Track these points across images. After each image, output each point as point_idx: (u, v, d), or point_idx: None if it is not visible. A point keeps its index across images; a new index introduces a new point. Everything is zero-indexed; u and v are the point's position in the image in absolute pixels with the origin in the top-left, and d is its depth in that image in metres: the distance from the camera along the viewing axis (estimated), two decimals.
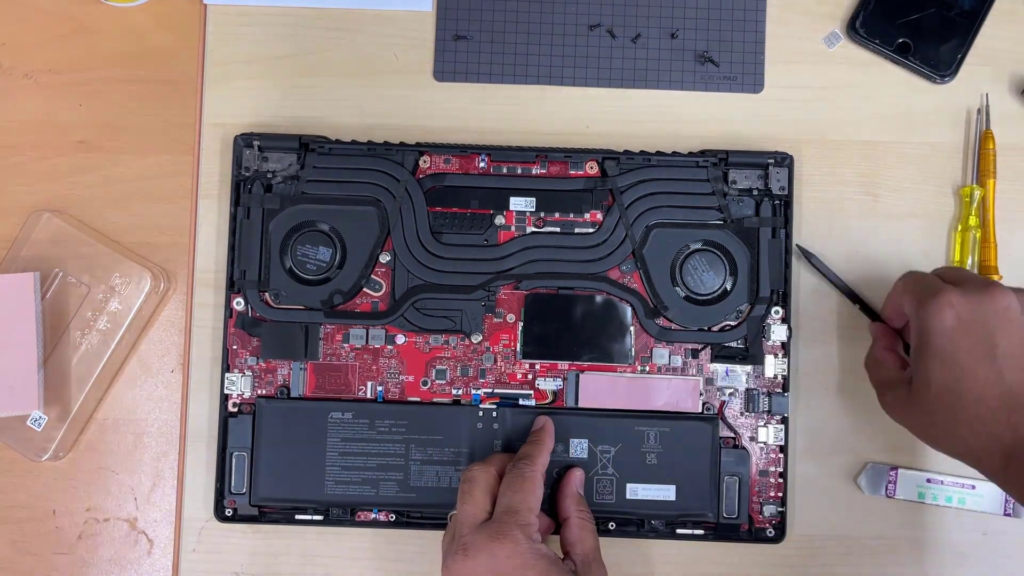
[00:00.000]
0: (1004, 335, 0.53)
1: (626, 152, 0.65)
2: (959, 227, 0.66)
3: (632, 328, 0.64)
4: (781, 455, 0.64)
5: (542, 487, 0.58)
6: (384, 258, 0.65)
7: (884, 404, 0.59)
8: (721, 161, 0.65)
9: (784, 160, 0.65)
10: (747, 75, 0.67)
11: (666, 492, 0.63)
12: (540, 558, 0.54)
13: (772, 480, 0.64)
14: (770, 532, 0.64)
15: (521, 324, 0.65)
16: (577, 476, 0.62)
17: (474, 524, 0.56)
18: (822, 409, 0.66)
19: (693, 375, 0.65)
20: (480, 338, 0.65)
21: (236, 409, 0.64)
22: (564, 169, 0.66)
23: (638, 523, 0.64)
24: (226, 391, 0.64)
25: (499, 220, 0.65)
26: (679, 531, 0.64)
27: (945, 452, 0.55)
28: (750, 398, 0.64)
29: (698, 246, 0.65)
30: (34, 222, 0.65)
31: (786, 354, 0.64)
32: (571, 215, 0.65)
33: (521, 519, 0.55)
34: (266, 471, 0.63)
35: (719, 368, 0.65)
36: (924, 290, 0.55)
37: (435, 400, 0.65)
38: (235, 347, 0.65)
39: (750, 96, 0.68)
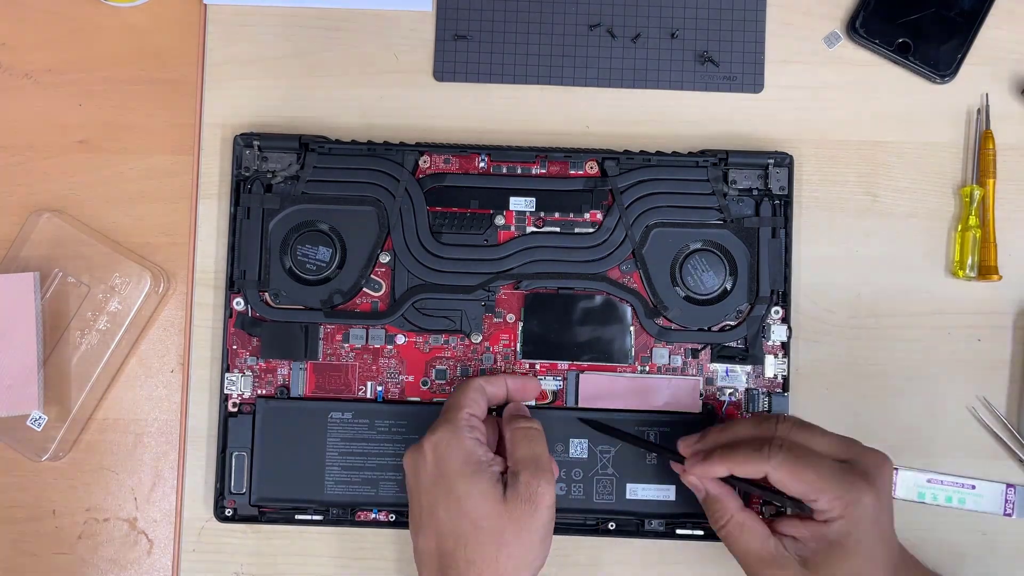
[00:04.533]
0: (890, 514, 0.55)
1: (626, 152, 0.65)
2: (959, 227, 0.66)
3: (632, 328, 0.64)
4: None
5: (483, 396, 0.59)
6: (384, 258, 0.65)
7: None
8: (721, 161, 0.65)
9: (784, 160, 0.65)
10: (747, 75, 0.67)
11: (666, 492, 0.63)
12: (466, 447, 0.56)
13: None
14: None
15: (521, 324, 0.65)
16: (516, 405, 0.62)
17: None
18: (822, 409, 0.66)
19: (693, 375, 0.65)
20: (480, 338, 0.65)
21: (236, 409, 0.64)
22: (564, 169, 0.66)
23: (638, 523, 0.64)
24: (226, 391, 0.64)
25: (499, 220, 0.65)
26: (679, 531, 0.64)
27: None
28: (750, 398, 0.64)
29: (698, 246, 0.65)
30: (34, 222, 0.65)
31: (786, 354, 0.64)
32: (571, 215, 0.65)
33: (457, 414, 0.57)
34: (266, 471, 0.63)
35: (719, 368, 0.65)
36: (843, 481, 0.53)
37: (435, 400, 0.65)
38: (235, 347, 0.65)
39: (750, 96, 0.68)
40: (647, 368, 0.65)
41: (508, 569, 0.54)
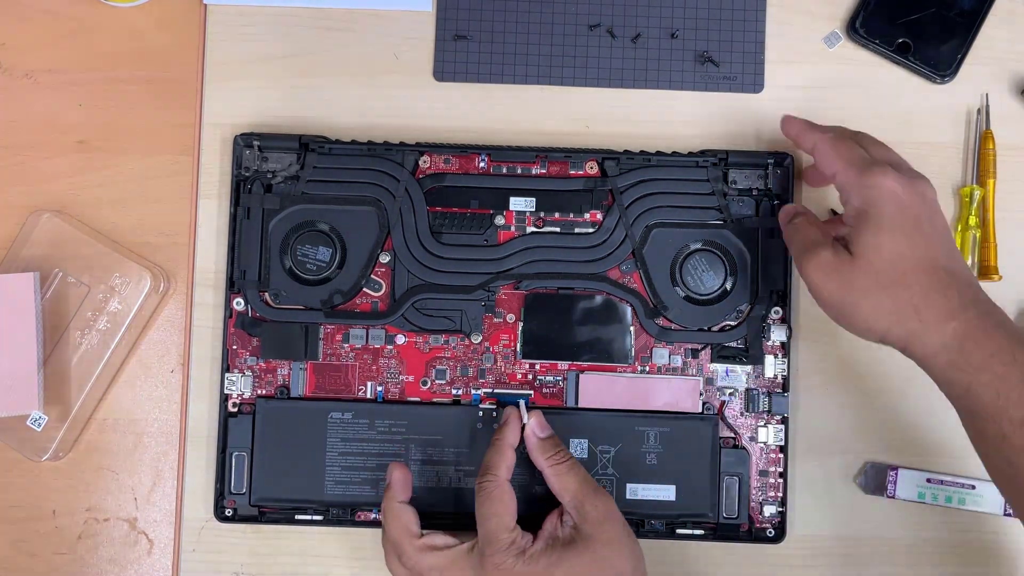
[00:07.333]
0: (937, 220, 0.55)
1: (626, 152, 0.65)
2: (959, 227, 0.66)
3: (632, 328, 0.64)
4: (781, 455, 0.64)
5: (512, 493, 0.57)
6: (384, 258, 0.65)
7: (806, 267, 0.56)
8: (721, 161, 0.65)
9: (784, 160, 0.65)
10: (747, 75, 0.67)
11: (666, 492, 0.63)
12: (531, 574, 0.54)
13: (772, 480, 0.64)
14: (770, 532, 0.64)
15: (521, 324, 0.65)
16: (530, 427, 0.59)
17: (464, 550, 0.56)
18: (822, 409, 0.66)
19: (693, 375, 0.65)
20: (480, 338, 0.65)
21: (236, 409, 0.64)
22: (564, 169, 0.66)
23: (638, 523, 0.64)
24: (226, 391, 0.64)
25: (499, 220, 0.65)
26: (679, 531, 0.64)
27: (869, 326, 0.54)
28: (750, 398, 0.64)
29: (698, 246, 0.65)
30: (34, 222, 0.65)
31: (786, 354, 0.64)
32: (571, 215, 0.65)
33: (501, 544, 0.54)
34: (266, 471, 0.63)
35: (719, 368, 0.65)
36: (863, 162, 0.55)
37: (435, 400, 0.65)
38: (235, 347, 0.65)
39: (750, 96, 0.68)
40: (647, 368, 0.65)
41: None
